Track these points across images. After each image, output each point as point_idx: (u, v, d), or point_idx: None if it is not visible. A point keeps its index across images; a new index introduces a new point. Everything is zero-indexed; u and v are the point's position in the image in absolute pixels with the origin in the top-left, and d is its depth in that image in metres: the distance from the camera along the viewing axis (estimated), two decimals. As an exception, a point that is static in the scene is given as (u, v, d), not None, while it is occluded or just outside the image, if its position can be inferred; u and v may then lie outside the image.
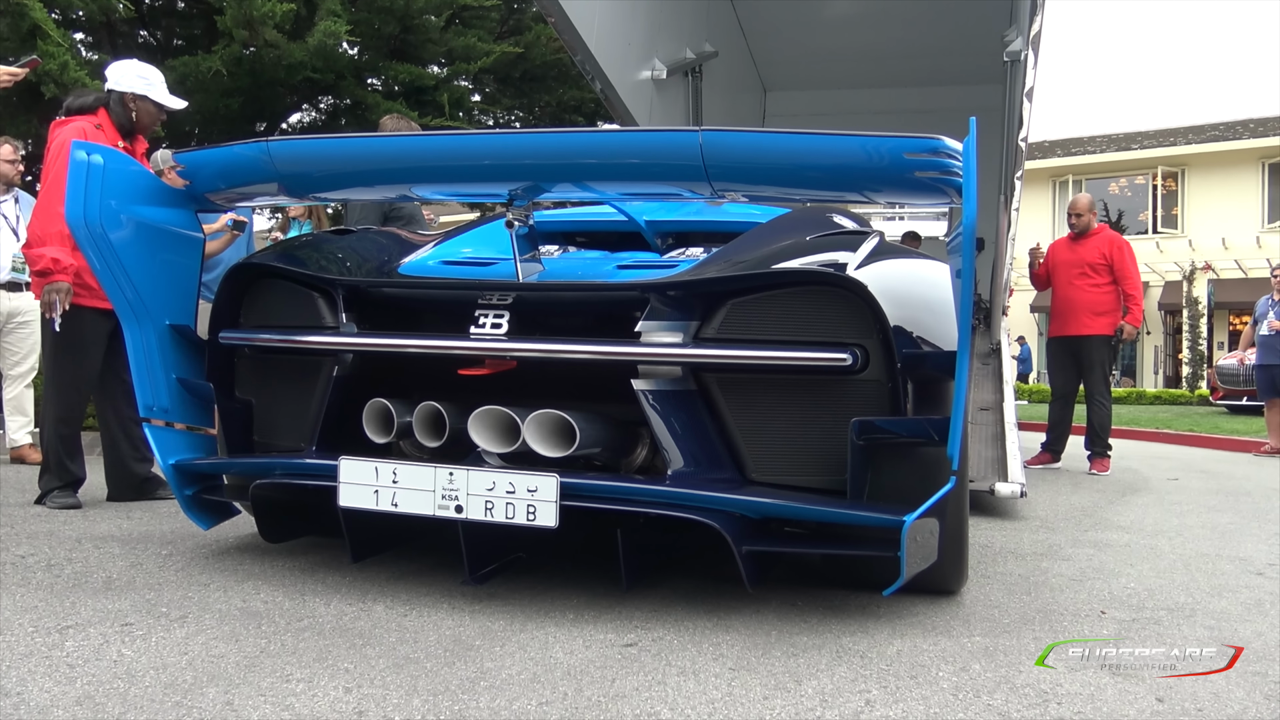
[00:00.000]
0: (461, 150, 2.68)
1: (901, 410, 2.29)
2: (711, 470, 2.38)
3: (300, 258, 2.89)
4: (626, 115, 6.54)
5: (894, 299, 2.29)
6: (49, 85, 6.53)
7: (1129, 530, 4.04)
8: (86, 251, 2.80)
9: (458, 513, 2.30)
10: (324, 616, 2.32)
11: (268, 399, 2.90)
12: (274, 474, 2.65)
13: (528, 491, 2.24)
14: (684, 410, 2.39)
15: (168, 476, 2.86)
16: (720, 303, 2.41)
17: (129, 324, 2.86)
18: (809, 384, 2.35)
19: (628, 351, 2.38)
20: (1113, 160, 25.59)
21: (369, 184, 2.98)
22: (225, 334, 2.85)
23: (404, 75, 8.63)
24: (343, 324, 2.68)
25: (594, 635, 2.23)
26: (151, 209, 2.90)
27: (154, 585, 2.57)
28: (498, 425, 2.42)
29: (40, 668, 1.91)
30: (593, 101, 9.89)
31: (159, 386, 2.89)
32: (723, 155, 2.34)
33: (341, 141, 3.13)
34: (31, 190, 8.16)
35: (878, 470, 2.36)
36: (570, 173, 2.60)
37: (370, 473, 2.37)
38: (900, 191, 2.46)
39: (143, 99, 3.85)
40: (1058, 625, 2.46)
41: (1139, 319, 6.65)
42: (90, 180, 2.71)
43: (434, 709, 1.76)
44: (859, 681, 1.98)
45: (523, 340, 2.44)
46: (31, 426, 5.30)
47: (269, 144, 2.67)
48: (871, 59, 8.67)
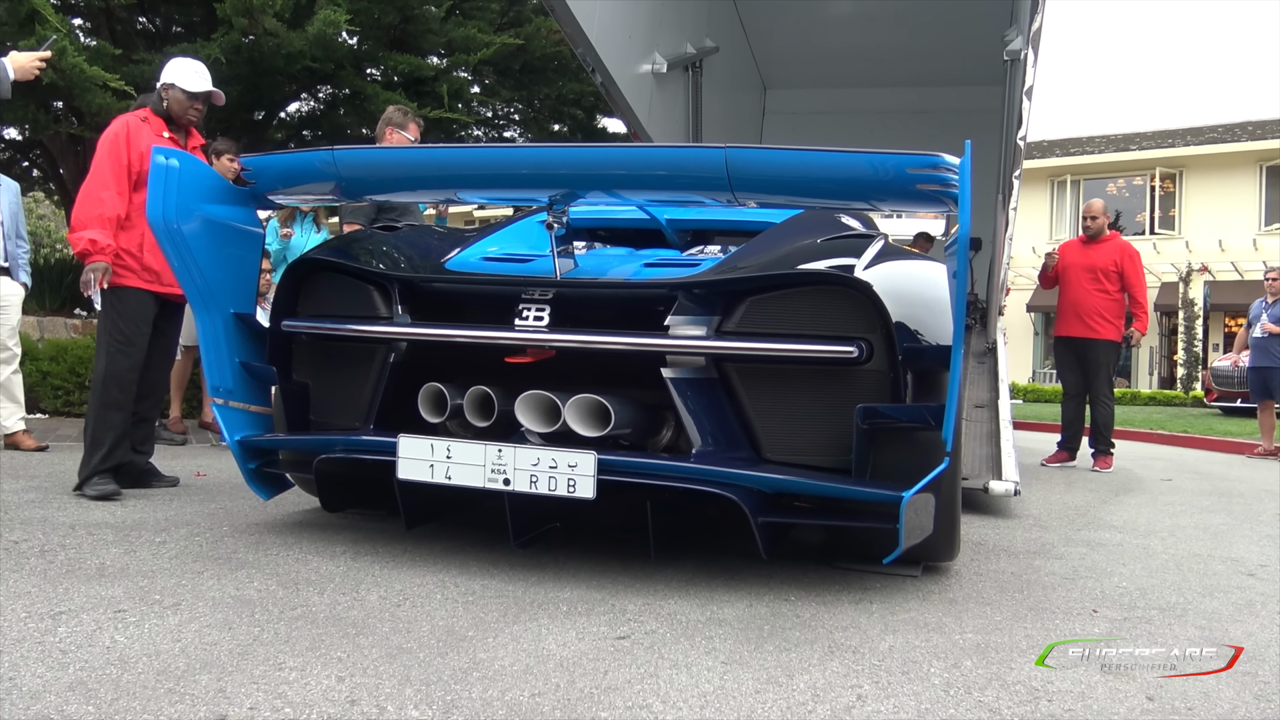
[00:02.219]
0: (506, 161, 3.08)
1: (901, 398, 2.52)
2: (730, 450, 2.62)
3: (356, 253, 3.15)
4: (626, 109, 6.54)
5: (896, 297, 2.52)
6: (48, 71, 6.49)
7: (1122, 530, 4.05)
8: (164, 245, 3.06)
9: (505, 485, 2.54)
10: (317, 606, 2.33)
11: (324, 382, 3.15)
12: (336, 449, 2.89)
13: (569, 466, 2.47)
14: (707, 396, 2.63)
15: (233, 451, 3.14)
16: (740, 300, 2.64)
17: (200, 312, 3.13)
18: (819, 373, 2.60)
19: (657, 343, 2.62)
20: (1111, 161, 25.59)
21: (421, 188, 3.37)
22: (288, 322, 3.11)
23: (403, 66, 8.61)
24: (397, 315, 2.93)
25: (587, 627, 2.24)
26: (218, 207, 3.18)
27: (147, 572, 2.57)
28: (541, 407, 2.67)
29: (33, 653, 1.91)
30: (592, 95, 9.86)
31: (224, 369, 3.17)
32: (745, 169, 2.61)
33: (400, 151, 3.56)
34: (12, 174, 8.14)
35: (879, 451, 2.58)
36: (604, 182, 2.90)
37: (426, 449, 2.61)
38: (903, 201, 2.74)
39: (170, 87, 3.92)
40: (1049, 623, 2.47)
41: (1145, 326, 6.81)
42: (169, 182, 3.01)
43: (426, 698, 1.76)
44: (851, 676, 1.99)
45: (563, 331, 2.68)
46: (23, 413, 5.28)
47: (334, 152, 2.99)
48: (872, 58, 8.66)
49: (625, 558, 2.95)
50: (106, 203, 3.69)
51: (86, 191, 3.74)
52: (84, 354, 6.35)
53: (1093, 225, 6.79)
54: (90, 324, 7.25)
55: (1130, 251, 6.75)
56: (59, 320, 7.40)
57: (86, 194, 3.73)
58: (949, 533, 2.76)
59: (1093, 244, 6.77)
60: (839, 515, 2.67)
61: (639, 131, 6.89)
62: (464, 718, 1.69)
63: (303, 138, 10.35)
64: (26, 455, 4.93)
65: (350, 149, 3.02)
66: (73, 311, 8.37)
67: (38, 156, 10.32)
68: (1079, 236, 7.00)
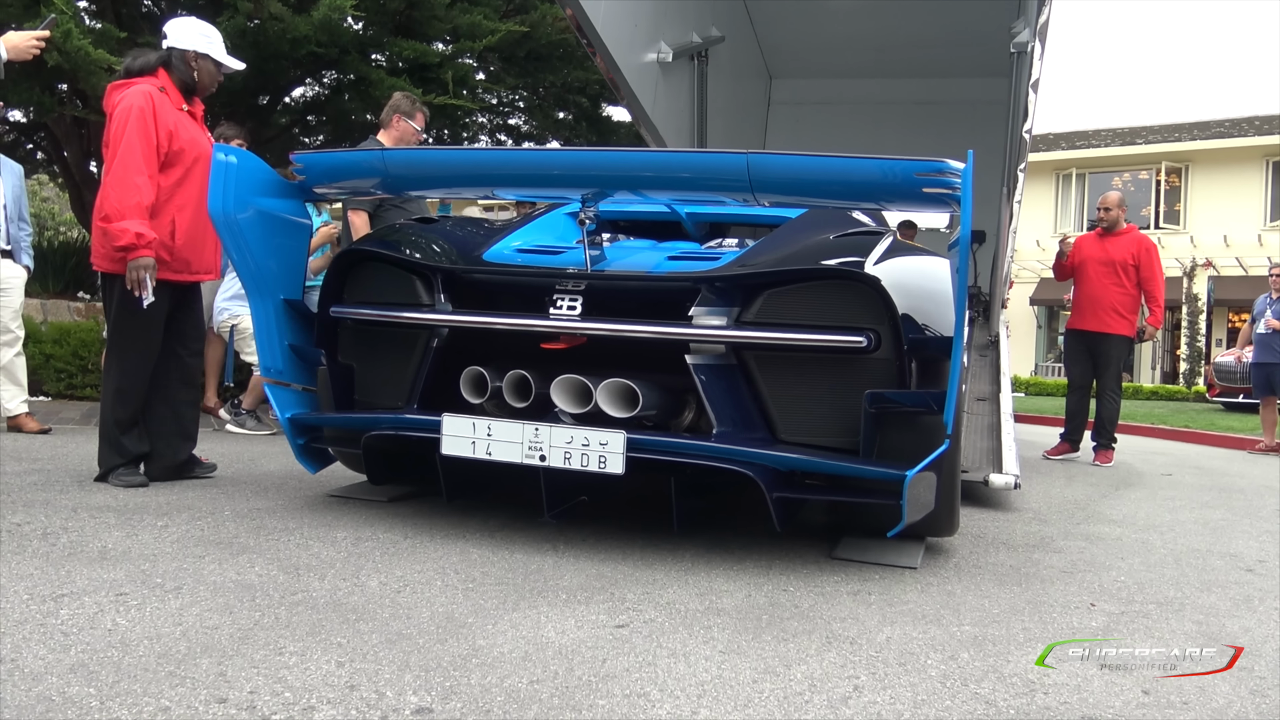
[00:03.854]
0: (543, 163, 3.35)
1: (906, 384, 2.73)
2: (747, 431, 2.82)
3: (399, 244, 3.35)
4: (631, 97, 6.52)
5: (902, 291, 2.71)
6: (52, 53, 6.47)
7: (1121, 524, 4.05)
8: (223, 236, 3.28)
9: (541, 461, 2.75)
10: (318, 591, 2.34)
11: (368, 364, 3.36)
12: (384, 427, 3.09)
13: (600, 445, 2.69)
14: (726, 381, 2.83)
15: (284, 428, 3.40)
16: (758, 292, 2.84)
17: (254, 298, 3.37)
18: (830, 361, 2.79)
19: (682, 332, 2.83)
20: (1117, 154, 25.51)
21: (462, 186, 3.63)
22: (337, 308, 3.32)
23: (408, 51, 8.57)
24: (439, 303, 3.14)
25: (585, 615, 2.25)
26: (271, 200, 3.39)
27: (149, 556, 2.58)
28: (574, 390, 2.87)
29: (35, 635, 1.92)
30: (597, 83, 9.83)
31: (275, 352, 3.40)
32: (766, 173, 2.85)
33: (445, 152, 4.06)
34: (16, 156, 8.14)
35: (885, 433, 2.77)
36: (634, 183, 3.14)
37: (469, 427, 2.83)
38: (910, 203, 3.02)
39: (205, 58, 3.72)
40: (1047, 616, 2.48)
41: (1160, 320, 6.78)
42: (228, 178, 3.22)
43: (426, 684, 1.77)
44: (848, 667, 2.00)
45: (595, 320, 2.88)
46: (25, 395, 5.29)
47: (384, 153, 3.37)
48: (878, 48, 8.63)
49: (625, 547, 2.96)
50: (143, 189, 3.48)
51: (121, 175, 3.47)
52: (87, 337, 6.35)
53: (1107, 217, 6.71)
54: (94, 307, 7.26)
55: (1148, 245, 6.67)
56: (62, 303, 7.40)
57: (121, 178, 3.47)
58: (949, 509, 2.93)
59: (1109, 237, 6.69)
60: (847, 492, 2.89)
61: (643, 120, 6.87)
62: (463, 704, 1.70)
63: (307, 123, 10.34)
64: (29, 438, 4.95)
65: (399, 150, 3.26)
66: (76, 295, 8.37)
67: (42, 139, 10.30)
68: (1095, 229, 6.90)
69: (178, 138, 3.61)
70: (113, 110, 3.58)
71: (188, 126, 3.69)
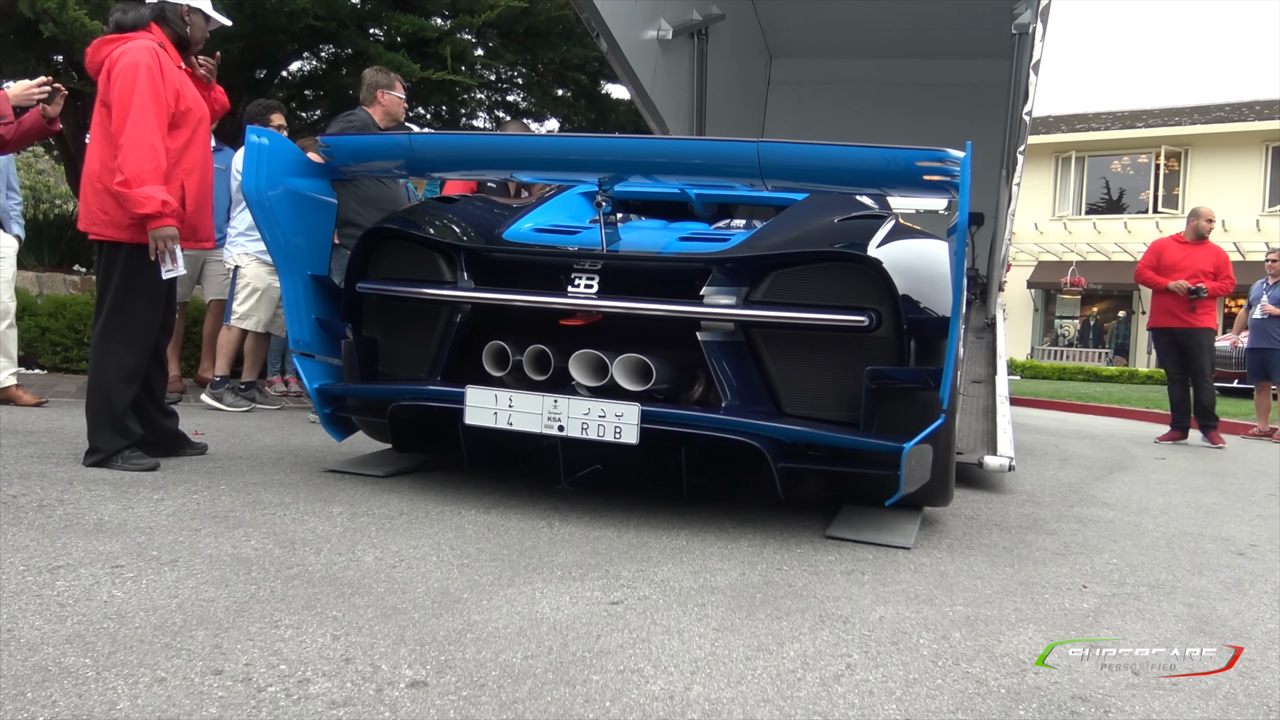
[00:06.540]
0: (563, 148, 3.52)
1: (905, 361, 2.85)
2: (754, 404, 2.96)
3: (422, 223, 3.46)
4: (630, 75, 6.47)
5: (903, 273, 2.84)
6: (47, 24, 6.42)
7: (1114, 507, 4.07)
8: (255, 213, 3.39)
9: (559, 431, 2.88)
10: (314, 565, 2.34)
11: (392, 337, 3.49)
12: (409, 398, 3.21)
13: (616, 416, 2.81)
14: (735, 357, 2.96)
15: (311, 398, 3.53)
16: (766, 273, 2.96)
17: (284, 273, 3.47)
18: (833, 339, 2.92)
19: (693, 310, 2.97)
20: (1116, 138, 25.44)
21: (486, 168, 3.78)
22: (363, 284, 3.44)
23: (407, 26, 8.50)
24: (461, 280, 3.27)
25: (580, 592, 2.26)
26: (299, 179, 3.50)
27: (145, 529, 2.59)
28: (591, 364, 3.01)
29: (31, 606, 1.93)
30: (597, 60, 9.76)
31: (303, 325, 3.52)
32: (775, 160, 3.00)
33: (470, 137, 4.39)
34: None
35: (884, 408, 2.89)
36: (649, 168, 3.29)
37: (491, 398, 2.96)
38: (911, 190, 3.14)
39: (196, 11, 3.63)
40: (1039, 597, 2.49)
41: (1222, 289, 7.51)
42: (260, 158, 3.34)
43: (420, 658, 1.78)
44: (840, 646, 2.01)
45: (611, 298, 3.01)
46: (15, 368, 5.25)
47: (411, 137, 3.56)
48: (879, 28, 8.57)
49: (620, 524, 2.97)
50: (160, 153, 3.37)
51: (137, 137, 3.32)
52: (83, 310, 6.33)
53: (1206, 228, 7.48)
54: (89, 280, 7.23)
55: (1226, 257, 7.53)
56: (58, 276, 7.37)
57: (138, 140, 3.32)
58: (944, 481, 3.02)
59: (1190, 245, 7.44)
60: (848, 463, 3.02)
61: (643, 98, 6.83)
62: (457, 678, 1.71)
63: (304, 97, 10.26)
64: (25, 411, 4.94)
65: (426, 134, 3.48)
66: (72, 268, 8.34)
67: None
68: (1175, 235, 7.69)
69: (184, 97, 3.53)
70: (111, 66, 3.40)
71: (189, 85, 3.61)
